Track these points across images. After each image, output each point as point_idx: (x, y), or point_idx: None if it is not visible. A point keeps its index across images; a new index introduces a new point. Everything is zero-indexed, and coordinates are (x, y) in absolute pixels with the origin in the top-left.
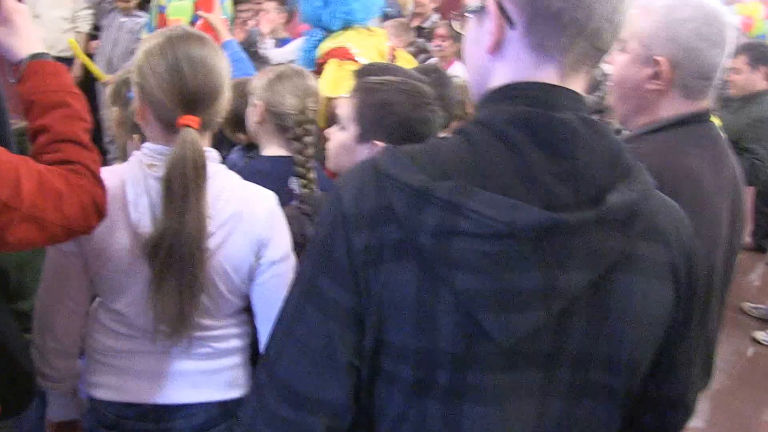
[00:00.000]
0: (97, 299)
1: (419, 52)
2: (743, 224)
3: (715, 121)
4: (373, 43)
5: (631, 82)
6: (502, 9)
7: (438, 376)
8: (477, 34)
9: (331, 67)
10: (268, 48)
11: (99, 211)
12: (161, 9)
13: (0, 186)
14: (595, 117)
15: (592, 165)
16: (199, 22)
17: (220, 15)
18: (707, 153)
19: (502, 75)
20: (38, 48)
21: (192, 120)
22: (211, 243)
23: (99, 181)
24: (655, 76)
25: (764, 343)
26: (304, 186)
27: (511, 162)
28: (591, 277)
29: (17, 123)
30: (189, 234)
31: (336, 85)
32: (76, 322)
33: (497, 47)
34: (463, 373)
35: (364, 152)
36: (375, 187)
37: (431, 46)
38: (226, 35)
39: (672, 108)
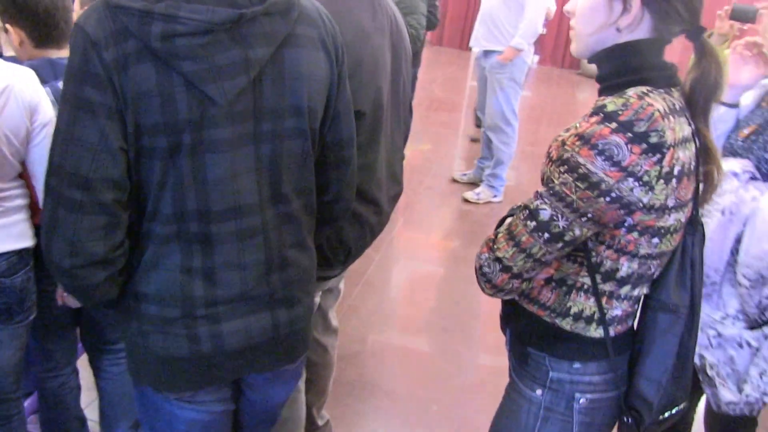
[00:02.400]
0: None
1: None
2: (407, 57)
3: None
4: None
5: None
6: None
7: (183, 139)
8: None
9: None
10: None
11: None
12: None
13: None
14: None
15: None
16: None
17: None
18: (365, 2)
19: None
20: None
21: None
22: None
23: None
24: None
25: (472, 200)
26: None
27: None
28: (269, 51)
29: None
30: None
31: None
32: None
33: None
34: (200, 133)
35: None
36: (110, 17)
37: None
38: None
39: None
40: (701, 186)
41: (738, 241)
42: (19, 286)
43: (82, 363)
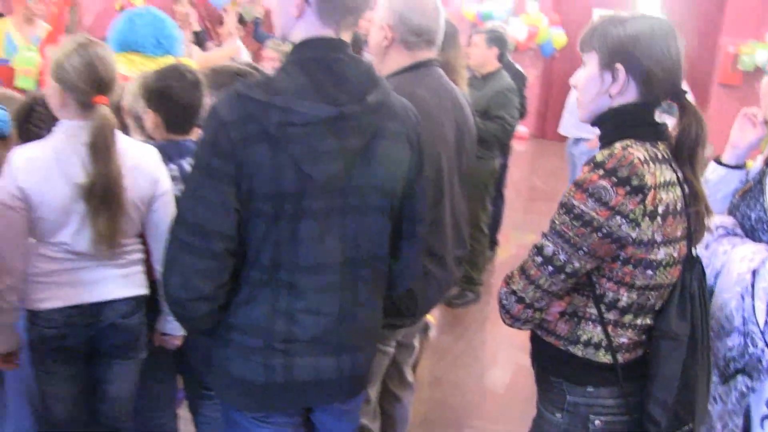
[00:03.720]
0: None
1: None
2: (470, 135)
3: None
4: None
5: (373, 42)
6: None
7: (285, 206)
8: (285, 3)
9: None
10: None
11: None
12: (3, 62)
13: None
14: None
15: (356, 81)
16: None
17: None
18: (430, 86)
19: (301, 31)
20: None
21: (104, 99)
22: (125, 183)
23: None
24: (385, 37)
25: None
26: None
27: (313, 83)
28: (362, 142)
29: None
30: (113, 177)
31: None
32: (24, 261)
33: (299, 15)
34: (299, 203)
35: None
36: (239, 103)
37: None
38: None
39: (400, 58)
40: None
41: (711, 294)
42: (135, 328)
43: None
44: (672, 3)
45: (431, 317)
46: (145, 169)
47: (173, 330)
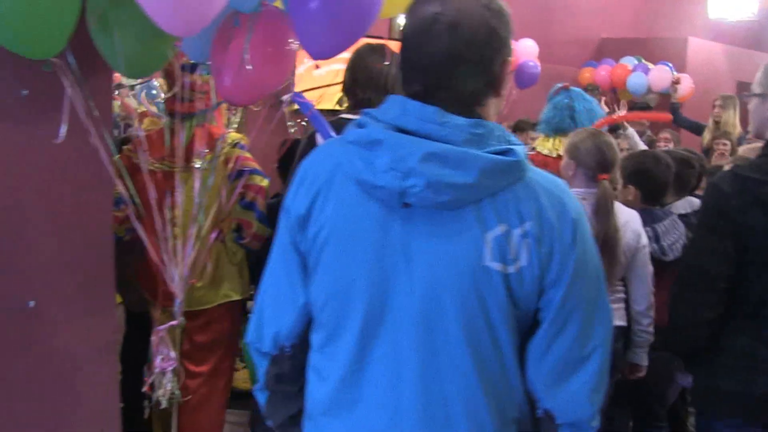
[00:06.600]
0: None
1: None
2: None
3: None
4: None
5: None
6: None
7: None
8: (761, 107)
9: None
10: None
11: None
12: None
13: None
14: None
15: None
16: None
17: None
18: None
19: None
20: None
21: (606, 176)
22: (618, 236)
23: None
24: None
25: None
26: None
27: None
28: None
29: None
30: (612, 232)
31: None
32: None
33: None
34: None
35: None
36: (736, 180)
37: None
38: None
39: None
40: None
41: None
42: (617, 352)
43: None
44: None
45: None
46: (632, 226)
47: (641, 360)
